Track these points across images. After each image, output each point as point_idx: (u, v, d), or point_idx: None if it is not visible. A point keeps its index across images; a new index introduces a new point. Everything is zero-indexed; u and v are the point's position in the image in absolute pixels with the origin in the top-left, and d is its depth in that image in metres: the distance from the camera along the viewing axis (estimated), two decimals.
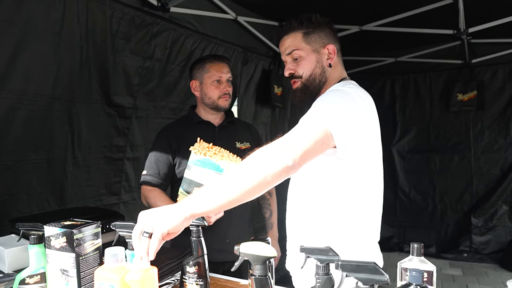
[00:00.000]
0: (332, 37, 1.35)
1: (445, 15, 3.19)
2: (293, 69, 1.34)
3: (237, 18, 3.05)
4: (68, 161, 2.12)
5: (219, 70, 1.84)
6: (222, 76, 1.84)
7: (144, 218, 0.96)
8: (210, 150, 1.65)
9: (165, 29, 2.51)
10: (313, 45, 1.32)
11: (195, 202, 0.98)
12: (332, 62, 1.33)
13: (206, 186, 1.02)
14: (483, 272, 4.15)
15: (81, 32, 2.05)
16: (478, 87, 4.36)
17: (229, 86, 1.86)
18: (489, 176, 4.41)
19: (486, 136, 4.41)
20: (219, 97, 1.83)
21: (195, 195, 1.00)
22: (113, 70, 2.26)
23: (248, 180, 0.98)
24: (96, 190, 2.30)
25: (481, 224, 4.44)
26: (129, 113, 2.43)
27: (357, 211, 1.28)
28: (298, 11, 3.29)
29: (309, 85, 1.33)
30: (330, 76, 1.34)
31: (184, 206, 0.97)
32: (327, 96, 1.22)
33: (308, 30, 1.33)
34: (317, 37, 1.32)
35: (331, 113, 1.12)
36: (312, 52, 1.32)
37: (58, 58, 1.97)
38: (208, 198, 0.98)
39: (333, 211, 1.27)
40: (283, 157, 1.00)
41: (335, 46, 1.34)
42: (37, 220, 1.67)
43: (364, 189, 1.29)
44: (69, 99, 2.08)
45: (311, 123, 1.11)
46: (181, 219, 0.95)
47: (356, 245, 1.28)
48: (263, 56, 3.59)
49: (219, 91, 1.83)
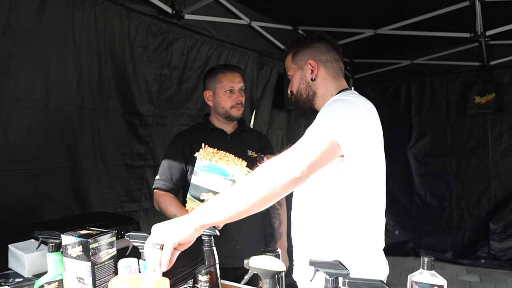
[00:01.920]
0: (320, 51, 1.40)
1: (462, 17, 3.14)
2: (290, 87, 1.47)
3: (251, 23, 3.07)
4: (90, 169, 2.17)
5: (231, 80, 1.87)
6: (234, 86, 1.87)
7: (157, 230, 0.99)
8: (215, 155, 1.68)
9: (181, 36, 2.55)
10: (299, 63, 1.42)
11: (205, 213, 1.00)
12: (315, 76, 1.39)
13: (216, 197, 1.05)
14: (501, 279, 4.06)
15: (99, 42, 2.10)
16: (496, 89, 4.26)
17: (241, 96, 1.89)
18: (508, 181, 4.30)
19: (505, 140, 4.30)
20: (231, 107, 1.86)
21: (205, 206, 1.03)
22: (132, 79, 2.31)
23: (257, 191, 1.00)
24: (117, 197, 2.34)
25: (500, 230, 4.34)
26: (149, 121, 2.48)
27: (363, 219, 1.31)
28: (311, 16, 3.35)
29: (298, 100, 1.44)
30: (319, 89, 1.40)
31: (194, 217, 1.00)
32: (331, 107, 1.26)
33: (295, 50, 1.44)
34: (302, 55, 1.42)
35: (336, 122, 1.16)
36: (297, 70, 1.43)
37: (78, 68, 2.03)
38: (218, 209, 1.00)
39: (339, 219, 1.30)
40: (291, 169, 1.03)
41: (321, 58, 1.39)
42: (55, 225, 1.73)
43: (369, 196, 1.32)
44: (91, 108, 2.13)
45: (317, 133, 1.14)
46: (191, 230, 0.97)
47: (362, 253, 1.30)
48: (278, 61, 3.60)
49: (231, 101, 1.86)
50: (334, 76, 1.41)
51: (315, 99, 1.41)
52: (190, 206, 1.71)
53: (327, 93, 1.40)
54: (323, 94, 1.40)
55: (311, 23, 3.53)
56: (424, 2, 3.02)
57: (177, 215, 1.71)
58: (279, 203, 2.09)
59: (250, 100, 3.23)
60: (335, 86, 1.40)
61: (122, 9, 2.18)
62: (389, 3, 3.07)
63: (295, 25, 3.58)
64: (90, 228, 1.29)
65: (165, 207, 1.78)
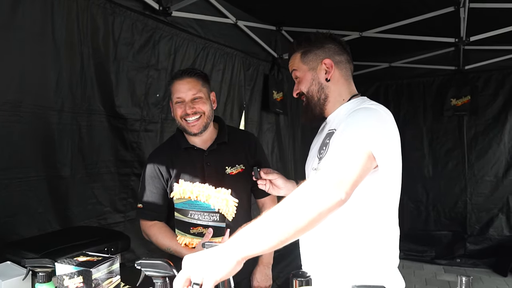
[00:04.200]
0: (334, 52, 1.33)
1: (444, 23, 3.18)
2: (297, 89, 1.37)
3: (237, 22, 2.98)
4: (71, 178, 1.97)
5: (178, 90, 1.62)
6: (181, 96, 1.61)
7: (190, 266, 0.86)
8: (193, 191, 1.50)
9: (168, 34, 2.40)
10: (310, 64, 1.33)
11: (245, 244, 0.89)
12: (330, 77, 1.31)
13: (254, 224, 0.93)
14: (477, 277, 4.17)
15: (81, 38, 1.91)
16: (471, 92, 4.37)
17: (195, 105, 1.61)
18: (483, 183, 4.43)
19: (480, 142, 4.43)
20: (181, 117, 1.62)
21: (243, 235, 0.91)
22: (116, 79, 2.12)
23: (301, 218, 0.92)
24: (101, 208, 2.15)
25: (476, 232, 4.46)
26: (137, 126, 2.29)
27: (385, 231, 1.27)
28: (296, 16, 3.28)
29: (308, 103, 1.35)
30: (332, 92, 1.33)
31: (233, 249, 0.88)
32: (359, 117, 1.18)
33: (306, 49, 1.34)
34: (314, 55, 1.33)
35: (369, 134, 1.10)
36: (308, 71, 1.33)
37: (58, 66, 1.83)
38: (259, 239, 0.90)
39: (362, 232, 1.24)
40: (335, 191, 0.96)
41: (336, 59, 1.32)
42: (34, 244, 1.55)
43: (391, 207, 1.28)
44: (71, 111, 1.93)
45: (354, 148, 1.06)
46: (233, 264, 0.86)
47: (383, 267, 1.26)
48: (263, 61, 3.51)
49: (180, 111, 1.61)
50: (346, 78, 1.34)
51: (326, 103, 1.33)
52: (183, 241, 1.58)
53: (340, 97, 1.33)
54: (335, 99, 1.33)
55: (295, 24, 3.48)
56: (409, 6, 3.03)
57: (171, 248, 1.59)
58: None
59: (239, 103, 3.12)
60: (347, 90, 1.34)
61: (106, 3, 2.00)
62: (375, 7, 3.05)
63: (279, 26, 3.51)
64: (87, 253, 1.12)
65: (156, 240, 1.63)
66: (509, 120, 4.32)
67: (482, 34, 3.11)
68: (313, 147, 1.46)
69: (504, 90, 4.33)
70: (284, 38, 3.68)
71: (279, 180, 1.54)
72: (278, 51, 3.69)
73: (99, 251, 1.61)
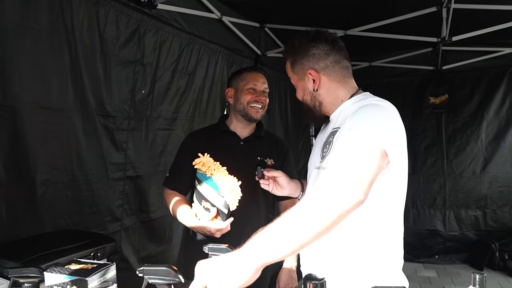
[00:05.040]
0: (318, 58, 1.28)
1: (427, 23, 3.23)
2: (296, 94, 1.38)
3: (222, 18, 2.90)
4: (56, 185, 1.80)
5: (254, 79, 1.82)
6: (257, 84, 1.82)
7: (205, 273, 0.79)
8: (211, 167, 1.58)
9: (153, 27, 2.29)
10: (298, 74, 1.32)
11: (264, 250, 0.85)
12: (318, 86, 1.28)
13: (271, 229, 0.89)
14: (455, 272, 4.27)
15: (66, 30, 1.78)
16: (449, 91, 4.48)
17: (264, 96, 1.82)
18: (462, 179, 4.52)
19: (458, 139, 4.51)
20: (249, 102, 1.78)
21: (261, 240, 0.86)
22: (103, 73, 1.99)
23: (321, 221, 0.89)
24: (101, 217, 2.00)
25: (454, 228, 4.56)
26: (124, 125, 2.16)
27: (393, 230, 1.25)
28: (280, 13, 3.24)
29: (307, 109, 1.35)
30: (326, 98, 1.30)
31: (251, 256, 0.83)
32: (369, 113, 1.14)
33: (292, 58, 1.33)
34: (300, 65, 1.31)
35: (381, 131, 1.07)
36: (298, 80, 1.33)
37: (40, 59, 1.69)
38: (279, 244, 0.86)
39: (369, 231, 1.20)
40: (354, 192, 0.94)
41: (320, 66, 1.27)
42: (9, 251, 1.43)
43: (399, 205, 1.26)
44: (60, 109, 1.79)
45: (368, 146, 1.03)
46: (252, 272, 0.82)
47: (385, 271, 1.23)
48: (246, 58, 3.44)
49: (251, 97, 1.79)
50: (339, 81, 1.30)
51: (322, 107, 1.32)
52: (194, 209, 1.67)
53: (336, 100, 1.29)
54: (331, 102, 1.30)
55: (279, 21, 3.43)
56: (394, 5, 3.05)
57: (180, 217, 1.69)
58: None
59: (222, 100, 3.03)
60: (343, 91, 1.30)
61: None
62: (359, 5, 3.05)
63: (262, 22, 3.46)
64: (79, 260, 1.03)
65: (172, 209, 1.76)
66: (485, 118, 4.43)
67: (463, 34, 3.17)
68: (316, 146, 1.42)
69: (480, 89, 4.45)
70: (267, 35, 3.63)
71: (282, 179, 1.50)
72: (261, 48, 3.63)
73: (85, 256, 1.52)
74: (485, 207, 4.47)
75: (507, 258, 4.24)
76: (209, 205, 1.59)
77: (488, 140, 4.45)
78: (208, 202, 1.59)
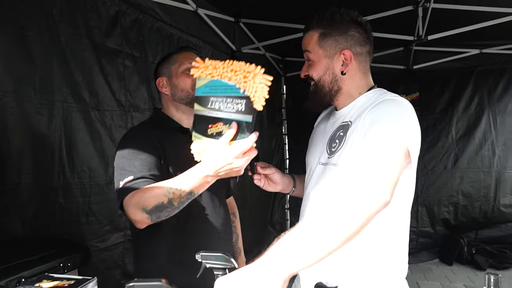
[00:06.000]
0: (357, 41, 1.21)
1: (400, 21, 3.25)
2: (306, 71, 1.24)
3: (197, 10, 2.78)
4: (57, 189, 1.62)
5: (187, 58, 1.50)
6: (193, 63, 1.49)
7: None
8: (217, 68, 1.12)
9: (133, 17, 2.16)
10: (327, 50, 1.20)
11: (290, 259, 0.79)
12: (347, 70, 1.20)
13: (293, 235, 0.83)
14: (427, 268, 4.37)
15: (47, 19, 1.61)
16: (420, 90, 4.57)
17: None
18: (433, 175, 4.61)
19: (430, 135, 4.59)
20: (193, 86, 1.43)
21: (285, 250, 0.81)
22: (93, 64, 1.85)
23: (349, 224, 0.85)
24: (100, 227, 1.81)
25: (426, 224, 4.64)
26: (122, 121, 1.99)
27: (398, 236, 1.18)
28: (256, 8, 3.16)
29: (317, 91, 1.23)
30: (347, 85, 1.22)
31: (277, 266, 0.78)
32: (391, 111, 1.08)
33: (326, 31, 1.20)
34: (333, 41, 1.20)
35: (405, 130, 1.03)
36: (324, 57, 1.20)
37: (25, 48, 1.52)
38: (306, 252, 0.81)
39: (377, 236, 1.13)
40: (381, 193, 0.90)
41: (357, 51, 1.21)
42: None
43: (408, 208, 1.19)
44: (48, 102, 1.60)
45: (393, 145, 0.99)
46: (280, 284, 0.76)
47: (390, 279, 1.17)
48: (223, 54, 3.33)
49: (192, 80, 1.44)
50: (364, 72, 1.24)
51: (338, 95, 1.22)
52: (196, 147, 1.14)
53: (355, 90, 1.22)
54: (349, 92, 1.22)
55: (254, 16, 3.35)
56: (369, 3, 3.04)
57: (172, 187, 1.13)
58: (233, 214, 1.78)
59: None
60: (364, 83, 1.24)
61: None
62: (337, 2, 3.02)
63: (237, 17, 3.37)
64: (51, 275, 0.89)
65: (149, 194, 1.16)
66: (455, 114, 4.56)
67: (437, 34, 3.21)
68: (317, 140, 1.33)
69: (449, 88, 4.58)
70: (242, 31, 3.54)
71: (276, 175, 1.41)
72: (236, 43, 3.53)
73: (52, 268, 1.36)
74: (457, 203, 4.60)
75: (474, 253, 4.38)
76: (220, 126, 1.10)
77: (458, 136, 4.58)
78: (220, 122, 1.10)
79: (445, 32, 3.19)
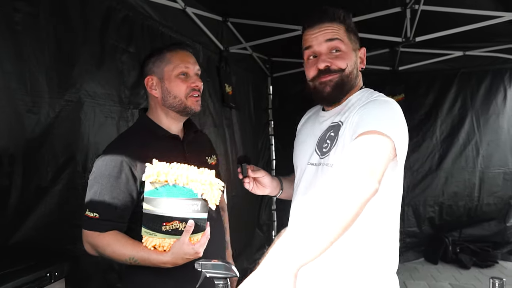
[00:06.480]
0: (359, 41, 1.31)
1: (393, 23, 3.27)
2: (330, 62, 1.21)
3: (185, 8, 2.73)
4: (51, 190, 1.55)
5: (183, 59, 1.40)
6: (189, 67, 1.40)
7: None
8: (169, 174, 1.18)
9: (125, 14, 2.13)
10: (353, 44, 1.26)
11: (297, 252, 0.81)
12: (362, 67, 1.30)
13: (296, 228, 0.86)
14: (412, 267, 4.42)
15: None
16: (405, 90, 4.60)
17: (199, 81, 1.43)
18: (418, 175, 4.66)
19: (414, 136, 4.64)
20: (187, 94, 1.40)
21: (290, 244, 0.83)
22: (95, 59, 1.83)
23: (346, 213, 0.87)
24: None
25: (412, 224, 4.68)
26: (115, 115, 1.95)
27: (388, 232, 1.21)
28: (243, 7, 3.12)
29: (342, 83, 1.22)
30: (358, 83, 1.30)
31: (286, 261, 0.80)
32: (381, 109, 1.15)
33: (349, 27, 1.26)
34: (355, 38, 1.28)
35: (393, 127, 1.08)
36: (352, 50, 1.25)
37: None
38: (311, 243, 0.83)
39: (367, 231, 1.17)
40: (370, 181, 0.93)
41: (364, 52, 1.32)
42: None
43: (397, 205, 1.25)
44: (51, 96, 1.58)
45: (381, 139, 1.03)
46: (293, 278, 0.78)
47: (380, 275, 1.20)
48: (212, 53, 3.28)
49: (186, 87, 1.39)
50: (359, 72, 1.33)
51: (352, 91, 1.27)
52: (150, 243, 1.23)
53: (357, 88, 1.30)
54: (355, 90, 1.29)
55: (241, 15, 3.32)
56: (359, 4, 3.04)
57: (135, 256, 1.23)
58: (222, 208, 1.72)
59: None
60: (359, 82, 1.31)
61: None
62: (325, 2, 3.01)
63: (225, 16, 3.33)
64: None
65: (112, 250, 1.26)
66: (439, 116, 4.63)
67: (424, 35, 3.24)
68: (305, 141, 1.34)
69: (434, 89, 4.65)
70: (229, 31, 3.50)
71: (266, 178, 1.42)
72: (224, 43, 3.49)
73: (38, 278, 1.29)
74: (442, 203, 4.66)
75: (458, 251, 4.47)
76: (176, 224, 1.20)
77: (442, 137, 4.65)
78: (175, 220, 1.20)
79: (432, 34, 3.23)
